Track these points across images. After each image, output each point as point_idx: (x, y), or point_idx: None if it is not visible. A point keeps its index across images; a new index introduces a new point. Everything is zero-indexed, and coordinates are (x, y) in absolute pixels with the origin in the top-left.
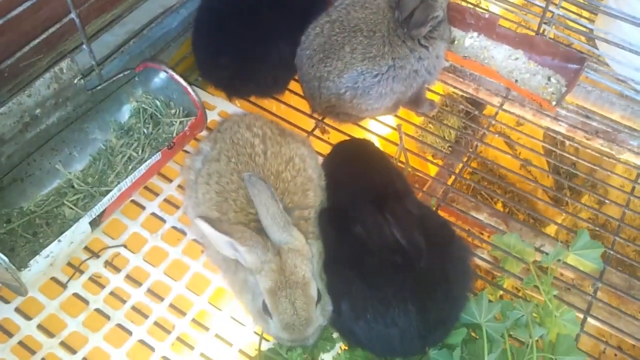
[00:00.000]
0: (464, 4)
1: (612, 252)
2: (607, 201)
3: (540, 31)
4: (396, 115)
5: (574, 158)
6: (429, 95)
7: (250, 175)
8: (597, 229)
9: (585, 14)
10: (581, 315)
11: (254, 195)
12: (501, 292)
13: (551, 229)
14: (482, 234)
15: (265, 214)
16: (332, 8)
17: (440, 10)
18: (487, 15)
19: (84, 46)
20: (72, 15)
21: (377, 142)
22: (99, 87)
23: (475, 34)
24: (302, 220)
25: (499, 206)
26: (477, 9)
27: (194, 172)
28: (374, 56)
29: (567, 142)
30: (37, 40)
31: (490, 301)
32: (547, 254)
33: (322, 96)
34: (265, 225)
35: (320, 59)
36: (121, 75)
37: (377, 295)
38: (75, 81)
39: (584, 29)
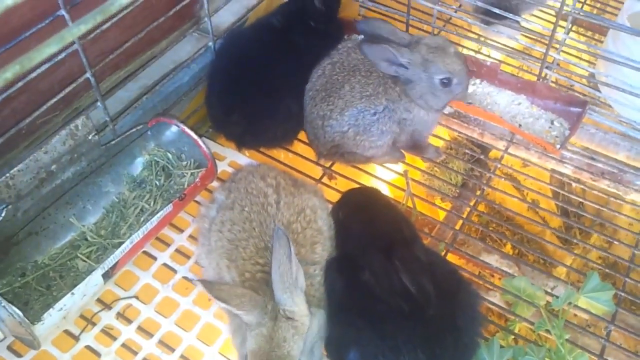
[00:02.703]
0: (465, 51)
1: (623, 294)
2: (615, 242)
3: (542, 75)
4: (402, 161)
5: (580, 199)
6: (433, 141)
7: (279, 228)
8: (607, 270)
9: (585, 56)
10: (595, 359)
11: (275, 248)
12: (513, 337)
13: (562, 270)
14: (492, 276)
15: (276, 269)
16: (335, 51)
17: (406, 59)
18: (488, 63)
19: (99, 103)
20: (88, 74)
21: (385, 188)
22: (113, 142)
23: (478, 80)
24: (307, 278)
25: (508, 248)
26: (478, 55)
27: (209, 220)
28: (370, 95)
29: (574, 184)
30: (54, 100)
31: (501, 346)
32: (557, 297)
33: (327, 135)
34: (274, 279)
35: (322, 98)
36: (134, 130)
37: (387, 344)
38: (90, 137)
39: (585, 73)
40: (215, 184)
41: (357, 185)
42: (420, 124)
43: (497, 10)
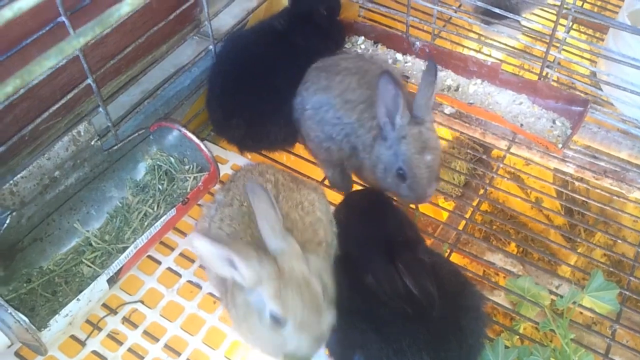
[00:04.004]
0: (466, 51)
1: (627, 293)
2: (619, 241)
3: (543, 74)
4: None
5: (584, 198)
6: None
7: (250, 184)
8: (611, 269)
9: (587, 55)
10: (601, 358)
11: (254, 203)
12: (518, 337)
13: (567, 269)
14: (497, 274)
15: (263, 221)
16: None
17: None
18: (489, 62)
19: (100, 108)
20: (89, 80)
21: None
22: (115, 147)
23: (479, 80)
24: (316, 246)
25: (512, 248)
26: (479, 55)
27: (208, 219)
28: (350, 101)
29: (577, 183)
30: (56, 106)
31: (506, 347)
32: (561, 296)
33: (295, 101)
34: (264, 233)
35: (316, 68)
36: (136, 134)
37: (392, 346)
38: (93, 142)
39: (587, 71)
40: (217, 187)
41: (360, 187)
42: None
43: (497, 10)
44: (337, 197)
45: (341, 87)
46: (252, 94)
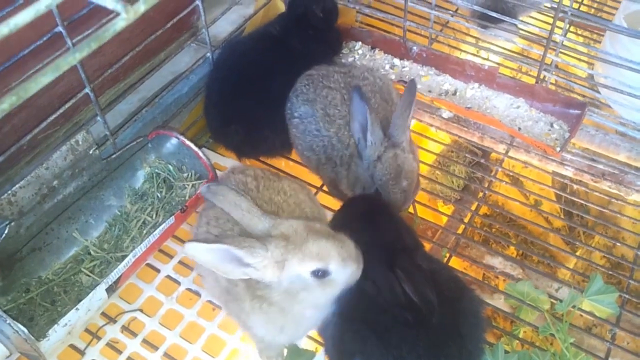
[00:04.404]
0: (463, 54)
1: (627, 296)
2: (618, 244)
3: (541, 77)
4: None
5: (583, 201)
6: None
7: (207, 187)
8: (610, 272)
9: (584, 57)
10: None
11: (222, 203)
12: (517, 341)
13: (566, 271)
14: (497, 277)
15: (239, 212)
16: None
17: None
18: (486, 67)
19: (99, 117)
20: (87, 90)
21: None
22: (114, 156)
23: (476, 84)
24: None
25: (512, 251)
26: (476, 59)
27: (197, 225)
28: (332, 116)
29: (575, 186)
30: (54, 116)
31: (506, 351)
32: (561, 300)
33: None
34: (245, 223)
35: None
36: (134, 142)
37: (392, 353)
38: (91, 151)
39: (584, 74)
40: None
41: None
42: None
43: (494, 14)
44: (334, 204)
45: (325, 101)
46: (250, 101)
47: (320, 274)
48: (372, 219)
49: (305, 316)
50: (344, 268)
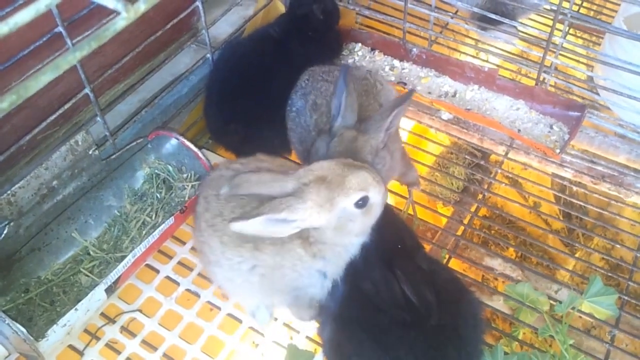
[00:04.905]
0: (462, 56)
1: (626, 298)
2: (618, 245)
3: (540, 79)
4: None
5: (582, 203)
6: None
7: (229, 185)
8: (609, 273)
9: (583, 59)
10: None
11: (249, 189)
12: (517, 343)
13: (566, 273)
14: (496, 279)
15: (267, 187)
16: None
17: None
18: (486, 68)
19: (98, 117)
20: (87, 90)
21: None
22: (113, 156)
23: (476, 86)
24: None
25: (511, 252)
26: (476, 61)
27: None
28: (312, 105)
29: (575, 187)
30: (53, 116)
31: (505, 353)
32: (560, 302)
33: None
34: (277, 192)
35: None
36: (134, 143)
37: (389, 355)
38: (90, 152)
39: (584, 76)
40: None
41: None
42: None
43: (493, 16)
44: None
45: (318, 92)
46: (250, 101)
47: (362, 203)
48: None
49: (353, 246)
50: (378, 192)
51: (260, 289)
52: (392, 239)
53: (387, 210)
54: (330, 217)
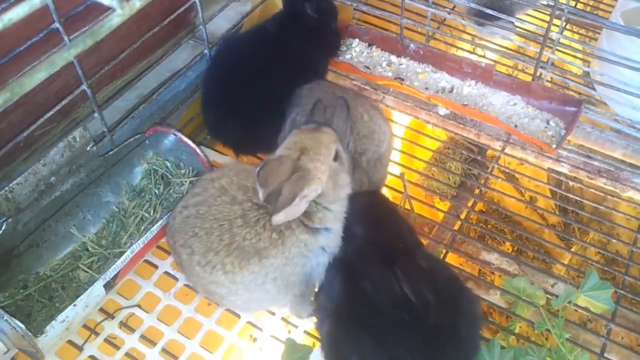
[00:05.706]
0: (459, 52)
1: (622, 292)
2: (613, 239)
3: (537, 75)
4: (399, 163)
5: (578, 197)
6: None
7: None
8: (605, 267)
9: (580, 55)
10: (596, 357)
11: (271, 183)
12: (514, 337)
13: (562, 267)
14: (493, 273)
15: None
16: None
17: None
18: (483, 64)
19: (96, 113)
20: (84, 86)
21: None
22: (111, 152)
23: (473, 82)
24: None
25: (507, 247)
26: (473, 56)
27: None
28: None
29: (571, 182)
30: (51, 113)
31: (502, 347)
32: (557, 296)
33: None
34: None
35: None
36: (132, 139)
37: (388, 353)
38: (88, 148)
39: (580, 72)
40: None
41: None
42: None
43: (490, 11)
44: None
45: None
46: (247, 97)
47: (336, 155)
48: (372, 216)
49: (345, 201)
50: (338, 141)
51: (278, 292)
52: (393, 237)
53: (389, 208)
54: (326, 176)
